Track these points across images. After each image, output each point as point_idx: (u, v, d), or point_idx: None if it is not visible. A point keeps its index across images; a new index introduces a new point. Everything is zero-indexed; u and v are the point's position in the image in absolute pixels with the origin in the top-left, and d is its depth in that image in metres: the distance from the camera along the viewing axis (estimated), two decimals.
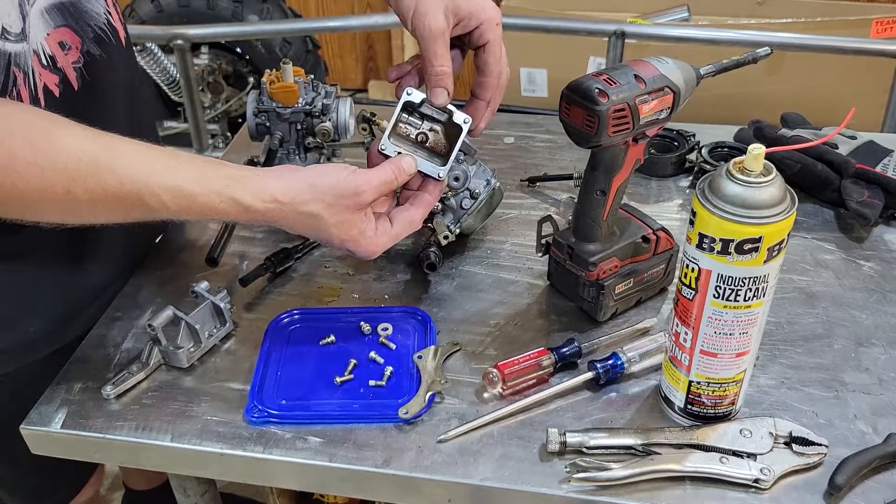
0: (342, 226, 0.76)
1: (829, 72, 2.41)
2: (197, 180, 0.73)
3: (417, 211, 0.83)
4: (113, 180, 0.70)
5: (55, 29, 0.83)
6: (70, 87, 0.85)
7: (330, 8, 3.21)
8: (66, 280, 0.94)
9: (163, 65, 2.57)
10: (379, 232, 0.80)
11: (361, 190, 0.76)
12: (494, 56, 0.85)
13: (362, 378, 0.86)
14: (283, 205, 0.75)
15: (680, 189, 1.19)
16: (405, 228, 0.82)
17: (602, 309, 0.92)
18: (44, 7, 0.82)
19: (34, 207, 0.71)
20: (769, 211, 0.67)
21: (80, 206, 0.71)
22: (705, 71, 0.88)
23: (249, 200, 0.74)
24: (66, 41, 0.85)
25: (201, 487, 0.99)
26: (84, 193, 0.70)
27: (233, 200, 0.73)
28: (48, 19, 0.82)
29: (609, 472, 0.74)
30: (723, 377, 0.76)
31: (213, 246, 1.02)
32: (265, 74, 1.08)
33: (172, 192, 0.72)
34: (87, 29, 0.88)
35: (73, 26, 0.86)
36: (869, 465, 0.74)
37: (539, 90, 2.74)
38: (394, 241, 0.81)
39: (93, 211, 0.73)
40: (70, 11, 0.85)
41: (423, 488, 0.77)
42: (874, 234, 1.08)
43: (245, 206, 0.74)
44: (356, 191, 0.76)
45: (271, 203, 0.74)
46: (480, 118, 0.86)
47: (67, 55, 0.85)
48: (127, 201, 0.72)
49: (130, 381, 0.86)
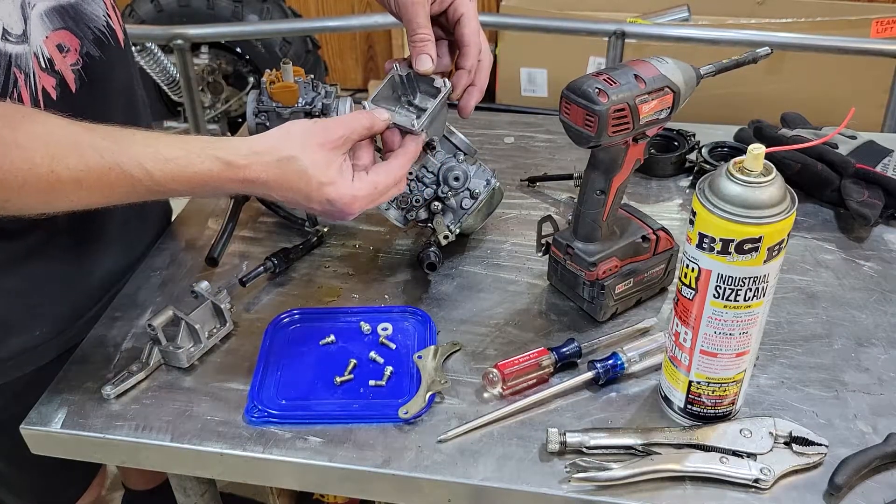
0: (317, 165, 0.76)
1: (829, 72, 2.41)
2: (178, 145, 0.74)
3: (395, 161, 0.83)
4: (94, 155, 0.70)
5: (54, 31, 0.83)
6: (68, 89, 0.85)
7: (330, 8, 3.21)
8: (70, 282, 0.94)
9: (163, 65, 2.57)
10: (357, 179, 0.80)
11: (330, 126, 0.78)
12: (470, 28, 0.88)
13: (362, 378, 0.86)
14: (261, 154, 0.75)
15: (680, 189, 1.19)
16: (383, 177, 0.81)
17: (602, 309, 0.92)
18: (43, 10, 0.82)
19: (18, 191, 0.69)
20: (769, 211, 0.67)
21: (64, 186, 0.70)
22: (705, 71, 0.88)
23: (230, 156, 0.74)
24: (65, 43, 0.85)
25: (201, 487, 0.99)
26: (66, 172, 0.69)
27: (214, 158, 0.74)
28: (47, 22, 0.82)
29: (609, 472, 0.74)
30: (723, 377, 0.76)
31: (213, 246, 1.02)
32: (265, 74, 1.08)
33: (154, 159, 0.72)
34: (86, 31, 0.88)
35: (72, 28, 0.86)
36: (869, 465, 0.74)
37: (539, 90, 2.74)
38: (373, 188, 0.80)
39: (77, 191, 0.72)
40: (70, 14, 0.85)
41: (423, 488, 0.77)
42: (874, 234, 1.08)
43: (226, 161, 0.74)
44: (325, 127, 0.78)
45: (251, 156, 0.75)
46: (461, 87, 0.89)
47: (66, 57, 0.85)
48: (111, 176, 0.71)
49: (130, 381, 0.86)
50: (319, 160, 0.76)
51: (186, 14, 2.60)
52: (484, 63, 0.90)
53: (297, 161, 0.76)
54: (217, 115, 2.80)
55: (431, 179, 0.99)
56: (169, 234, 1.11)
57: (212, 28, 2.41)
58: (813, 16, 2.47)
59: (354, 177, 0.79)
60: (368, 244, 1.08)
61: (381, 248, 1.08)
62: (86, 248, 0.96)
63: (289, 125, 0.79)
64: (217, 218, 1.14)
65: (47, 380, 0.88)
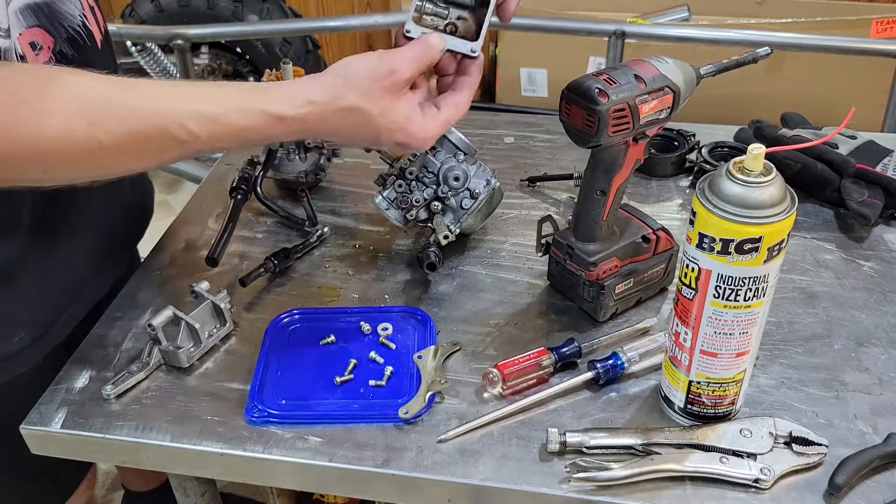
0: (386, 113, 0.71)
1: (829, 72, 2.41)
2: (220, 102, 0.68)
3: (462, 94, 0.78)
4: (135, 119, 0.66)
5: (27, 29, 0.80)
6: None
7: (330, 8, 3.21)
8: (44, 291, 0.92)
9: (163, 65, 2.57)
10: (427, 117, 0.74)
11: (395, 68, 0.71)
12: None
13: (362, 378, 0.86)
14: (318, 104, 0.69)
15: (680, 189, 1.19)
16: (453, 112, 0.76)
17: (602, 309, 0.92)
18: (18, 7, 0.80)
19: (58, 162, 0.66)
20: (769, 211, 0.67)
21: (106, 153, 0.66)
22: (705, 71, 0.88)
23: (282, 108, 0.69)
24: (38, 41, 0.82)
25: (201, 487, 0.98)
26: (108, 137, 0.65)
27: (262, 113, 0.68)
28: (21, 19, 0.80)
29: (609, 472, 0.74)
30: (723, 377, 0.76)
31: (213, 246, 1.02)
32: (265, 74, 1.09)
33: (199, 118, 0.67)
34: (60, 29, 0.85)
35: (45, 26, 0.83)
36: (869, 465, 0.74)
37: (539, 90, 2.74)
38: (444, 126, 0.76)
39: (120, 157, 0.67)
40: (44, 12, 0.83)
41: (423, 488, 0.77)
42: (874, 234, 1.08)
43: (277, 115, 0.68)
44: (391, 69, 0.71)
45: (305, 106, 0.69)
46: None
47: (38, 55, 0.82)
48: (155, 140, 0.66)
49: (130, 381, 0.86)
50: (386, 107, 0.71)
51: (186, 14, 2.60)
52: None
53: (362, 112, 0.70)
54: None
55: (431, 179, 0.99)
56: (169, 234, 1.11)
57: (212, 28, 2.41)
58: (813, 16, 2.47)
59: (425, 114, 0.74)
60: (368, 244, 1.08)
61: (381, 248, 1.08)
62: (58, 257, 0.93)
63: (346, 66, 0.71)
64: (217, 218, 1.14)
65: (34, 383, 0.87)
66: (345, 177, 1.23)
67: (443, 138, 0.99)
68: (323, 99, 0.70)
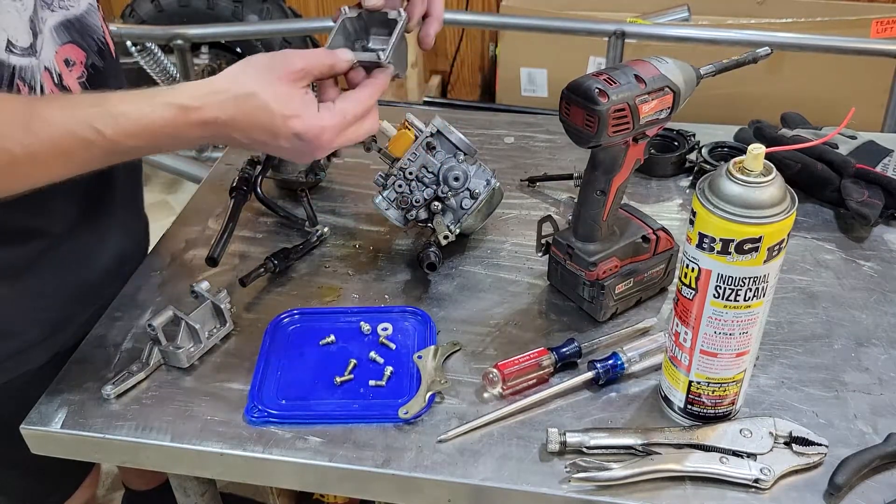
0: (279, 98, 0.72)
1: (829, 72, 2.41)
2: (128, 99, 0.70)
3: (363, 91, 0.79)
4: (43, 126, 0.67)
5: (62, 46, 0.83)
6: None
7: (330, 8, 3.20)
8: (65, 288, 0.94)
9: (163, 65, 2.57)
10: (323, 109, 0.75)
11: (290, 60, 0.73)
12: None
13: (362, 378, 0.86)
14: (217, 93, 0.71)
15: (680, 189, 1.19)
16: (352, 106, 0.77)
17: (602, 309, 0.92)
18: (53, 25, 0.82)
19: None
20: (769, 211, 0.67)
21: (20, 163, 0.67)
22: (705, 71, 0.88)
23: (183, 99, 0.70)
24: (71, 58, 0.84)
25: (201, 487, 0.98)
26: (19, 148, 0.67)
27: (166, 104, 0.70)
28: (56, 37, 0.83)
29: (609, 472, 0.74)
30: (723, 377, 0.76)
31: (213, 246, 1.02)
32: None
33: (104, 116, 0.68)
34: (91, 43, 0.88)
35: (78, 41, 0.86)
36: (869, 465, 0.74)
37: (539, 90, 2.74)
38: (342, 119, 0.76)
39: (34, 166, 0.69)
40: (76, 27, 0.85)
41: (423, 488, 0.77)
42: (874, 234, 1.08)
43: (179, 105, 0.70)
44: (285, 60, 0.73)
45: (207, 96, 0.71)
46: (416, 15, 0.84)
47: (72, 71, 0.85)
48: (63, 144, 0.68)
49: (130, 381, 0.86)
50: (280, 93, 0.72)
51: (186, 14, 2.60)
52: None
53: (257, 97, 0.71)
54: None
55: (431, 179, 0.99)
56: (169, 234, 1.11)
57: (212, 28, 2.41)
58: (813, 16, 2.47)
59: (320, 108, 0.75)
60: (368, 244, 1.08)
61: (381, 248, 1.08)
62: (85, 254, 0.96)
63: (245, 60, 0.74)
64: (217, 218, 1.14)
65: (37, 383, 0.87)
66: (345, 177, 1.23)
67: (443, 138, 0.99)
68: (221, 87, 0.72)
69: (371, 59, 0.82)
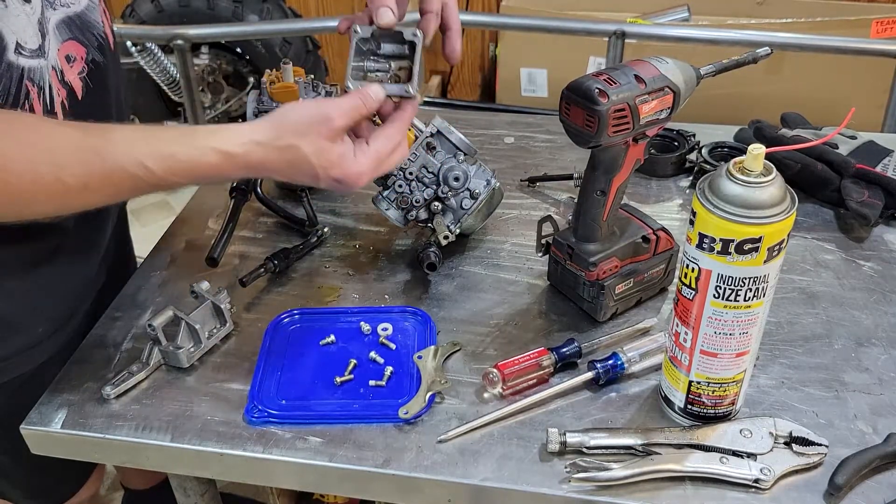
0: (321, 154, 0.76)
1: (829, 72, 2.41)
2: (176, 140, 0.74)
3: (392, 126, 0.82)
4: (97, 159, 0.71)
5: (63, 43, 0.84)
6: (75, 98, 0.86)
7: (330, 8, 3.20)
8: (72, 283, 0.95)
9: (163, 65, 2.57)
10: (358, 154, 0.79)
11: (331, 116, 0.76)
12: None
13: (362, 378, 0.86)
14: (261, 144, 0.75)
15: (680, 189, 1.19)
16: (383, 143, 0.80)
17: (602, 309, 0.92)
18: (55, 23, 0.83)
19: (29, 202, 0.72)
20: (769, 211, 0.67)
21: (72, 192, 0.72)
22: (705, 71, 0.88)
23: (228, 146, 0.74)
24: (72, 54, 0.86)
25: (201, 487, 0.99)
26: (72, 179, 0.70)
27: (213, 150, 0.74)
28: (58, 34, 0.84)
29: (609, 472, 0.74)
30: (723, 377, 0.76)
31: (213, 246, 1.02)
32: (265, 74, 1.09)
33: (154, 156, 0.72)
34: (91, 38, 0.89)
35: (78, 38, 0.87)
36: (869, 465, 0.74)
37: (539, 90, 2.74)
38: (377, 159, 0.80)
39: (84, 194, 0.73)
40: (76, 23, 0.87)
41: (423, 488, 0.77)
42: (874, 234, 1.08)
43: (225, 152, 0.74)
44: (326, 117, 0.76)
45: (249, 145, 0.75)
46: (431, 31, 0.86)
47: (73, 67, 0.86)
48: (114, 178, 0.72)
49: (130, 381, 0.86)
50: (321, 148, 0.76)
51: (186, 14, 2.60)
52: (451, 4, 0.87)
53: (299, 150, 0.75)
54: (217, 115, 2.80)
55: (431, 179, 0.99)
56: (169, 234, 1.11)
57: (212, 28, 2.40)
58: (813, 16, 2.47)
59: (356, 151, 0.79)
60: (368, 244, 1.08)
61: (381, 248, 1.08)
62: (91, 249, 0.97)
63: (287, 111, 0.77)
64: (217, 218, 1.14)
65: (45, 377, 0.88)
66: None
67: (443, 138, 0.99)
68: (264, 139, 0.75)
69: (400, 92, 0.83)
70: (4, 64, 0.76)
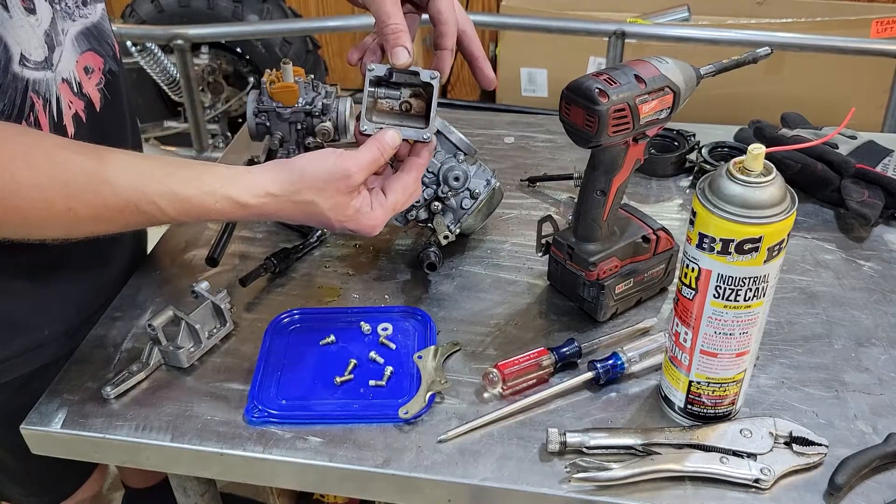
0: (337, 208, 0.76)
1: (829, 72, 2.41)
2: (191, 183, 0.73)
3: (409, 175, 0.81)
4: (110, 193, 0.71)
5: (81, 55, 0.85)
6: (94, 109, 0.87)
7: (330, 8, 3.21)
8: (82, 285, 0.95)
9: (163, 65, 2.57)
10: (375, 205, 0.79)
11: (351, 173, 0.76)
12: (445, 3, 0.83)
13: (362, 378, 0.86)
14: (277, 197, 0.75)
15: (680, 189, 1.19)
16: (400, 195, 0.80)
17: (602, 309, 0.92)
18: (73, 35, 0.83)
19: (39, 227, 0.72)
20: (769, 211, 0.67)
21: (82, 221, 0.72)
22: (705, 71, 0.88)
23: (244, 197, 0.74)
24: (90, 65, 0.86)
25: (201, 487, 0.99)
26: (84, 209, 0.71)
27: (228, 199, 0.74)
28: (77, 46, 0.84)
29: (609, 472, 0.74)
30: (723, 377, 0.76)
31: (213, 246, 1.02)
32: (265, 74, 1.08)
33: (168, 197, 0.72)
34: (107, 48, 0.90)
35: (96, 49, 0.88)
36: (869, 465, 0.74)
37: (539, 90, 2.74)
38: (392, 210, 0.80)
39: (94, 224, 0.73)
40: (94, 34, 0.87)
41: (423, 488, 0.77)
42: (874, 234, 1.08)
43: (240, 203, 0.74)
44: (346, 174, 0.75)
45: (265, 197, 0.74)
46: (447, 69, 0.85)
47: (91, 78, 0.87)
48: (126, 212, 0.72)
49: (130, 381, 0.86)
50: (338, 203, 0.76)
51: (186, 14, 2.60)
52: (469, 32, 0.86)
53: (316, 205, 0.76)
54: (217, 115, 2.80)
55: (431, 179, 0.99)
56: (169, 234, 1.11)
57: (212, 28, 2.41)
58: (813, 16, 2.47)
59: (374, 203, 0.79)
60: (368, 244, 1.08)
61: (381, 248, 1.08)
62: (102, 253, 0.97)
63: (306, 164, 0.76)
64: None
65: (51, 375, 0.88)
66: None
67: (443, 138, 0.99)
68: (281, 192, 0.75)
69: (417, 137, 0.82)
70: (10, 75, 0.76)
